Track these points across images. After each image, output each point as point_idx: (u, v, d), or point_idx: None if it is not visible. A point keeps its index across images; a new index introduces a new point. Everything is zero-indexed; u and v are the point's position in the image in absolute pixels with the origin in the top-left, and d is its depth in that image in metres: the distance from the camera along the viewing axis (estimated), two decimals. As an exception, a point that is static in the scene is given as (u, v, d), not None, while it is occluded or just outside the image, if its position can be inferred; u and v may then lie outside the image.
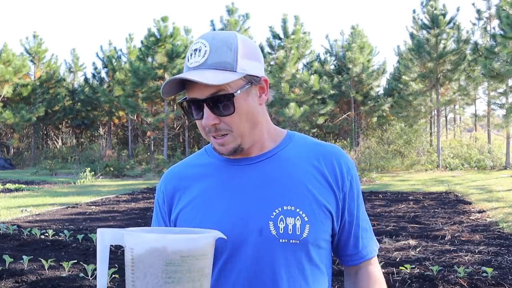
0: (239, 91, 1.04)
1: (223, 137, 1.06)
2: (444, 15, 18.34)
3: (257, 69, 1.08)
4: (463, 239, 6.12)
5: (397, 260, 5.08)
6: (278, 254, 1.05)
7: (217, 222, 1.06)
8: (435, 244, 5.84)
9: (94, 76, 26.85)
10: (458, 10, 18.67)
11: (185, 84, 1.06)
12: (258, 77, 1.08)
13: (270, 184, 1.09)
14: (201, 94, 1.03)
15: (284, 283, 1.05)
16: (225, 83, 1.01)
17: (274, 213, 1.05)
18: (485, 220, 7.47)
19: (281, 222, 1.04)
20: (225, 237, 0.91)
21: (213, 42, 1.04)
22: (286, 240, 1.04)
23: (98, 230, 0.87)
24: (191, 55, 1.05)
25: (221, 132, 1.05)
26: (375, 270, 1.21)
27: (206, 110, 1.03)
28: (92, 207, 9.75)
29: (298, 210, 1.06)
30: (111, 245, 0.88)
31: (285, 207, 1.06)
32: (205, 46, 1.04)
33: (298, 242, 1.05)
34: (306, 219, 1.05)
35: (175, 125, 24.99)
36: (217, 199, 1.10)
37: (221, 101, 1.03)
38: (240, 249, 1.05)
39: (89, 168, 16.98)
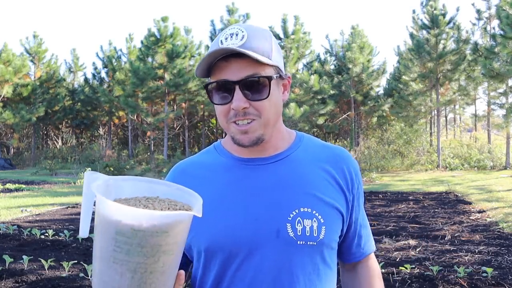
0: (275, 77, 1.04)
1: (249, 124, 1.03)
2: (444, 15, 18.34)
3: (282, 66, 1.10)
4: (463, 239, 6.12)
5: (397, 260, 5.08)
6: (295, 256, 1.04)
7: (231, 223, 1.05)
8: (435, 244, 5.84)
9: (94, 76, 26.85)
10: (458, 10, 18.67)
11: (212, 69, 1.04)
12: (284, 73, 1.10)
13: (285, 185, 1.08)
14: (236, 76, 1.01)
15: (301, 284, 1.05)
16: (266, 63, 1.01)
17: (291, 215, 1.04)
18: (485, 220, 7.47)
19: (299, 224, 1.04)
20: (199, 215, 0.83)
21: (249, 29, 1.04)
22: (303, 242, 1.04)
23: (87, 173, 0.85)
24: (225, 39, 1.03)
25: (249, 117, 1.03)
26: (374, 263, 1.24)
27: (237, 92, 1.01)
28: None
29: (314, 212, 1.05)
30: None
31: (302, 209, 1.05)
32: (242, 32, 1.03)
33: (315, 244, 1.05)
34: (322, 220, 1.05)
35: (175, 125, 25.00)
36: (230, 199, 1.08)
37: (258, 84, 1.02)
38: (256, 251, 1.04)
39: (89, 168, 16.99)
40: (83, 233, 0.84)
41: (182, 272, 0.92)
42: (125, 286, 0.81)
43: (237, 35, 1.02)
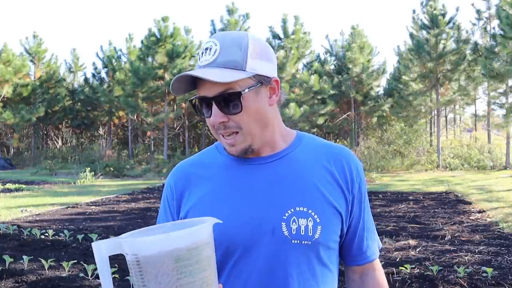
0: (247, 90, 1.04)
1: (233, 137, 1.06)
2: (443, 15, 18.34)
3: (268, 69, 1.08)
4: (463, 239, 6.12)
5: (397, 260, 5.08)
6: (290, 254, 1.05)
7: (227, 222, 1.05)
8: (435, 244, 5.84)
9: (94, 76, 26.82)
10: (457, 10, 18.69)
11: (196, 83, 1.07)
12: (268, 77, 1.08)
13: (281, 184, 1.08)
14: (210, 92, 1.03)
15: (295, 283, 1.05)
16: (232, 81, 1.01)
17: (286, 214, 1.05)
18: (485, 220, 7.48)
19: (294, 223, 1.05)
20: (220, 221, 0.92)
21: (223, 41, 1.05)
22: (298, 241, 1.04)
23: (93, 244, 0.86)
24: (202, 54, 1.06)
25: (230, 130, 1.05)
26: (380, 276, 1.21)
27: (214, 108, 1.04)
28: (92, 207, 9.75)
29: (310, 211, 1.06)
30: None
31: (297, 208, 1.05)
32: (216, 45, 1.04)
33: (310, 243, 1.05)
34: (318, 220, 1.05)
35: (175, 125, 24.99)
36: (227, 198, 1.09)
37: (229, 100, 1.03)
38: (252, 249, 1.05)
39: (89, 168, 16.96)
40: None
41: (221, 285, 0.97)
42: None
43: (210, 49, 1.05)
